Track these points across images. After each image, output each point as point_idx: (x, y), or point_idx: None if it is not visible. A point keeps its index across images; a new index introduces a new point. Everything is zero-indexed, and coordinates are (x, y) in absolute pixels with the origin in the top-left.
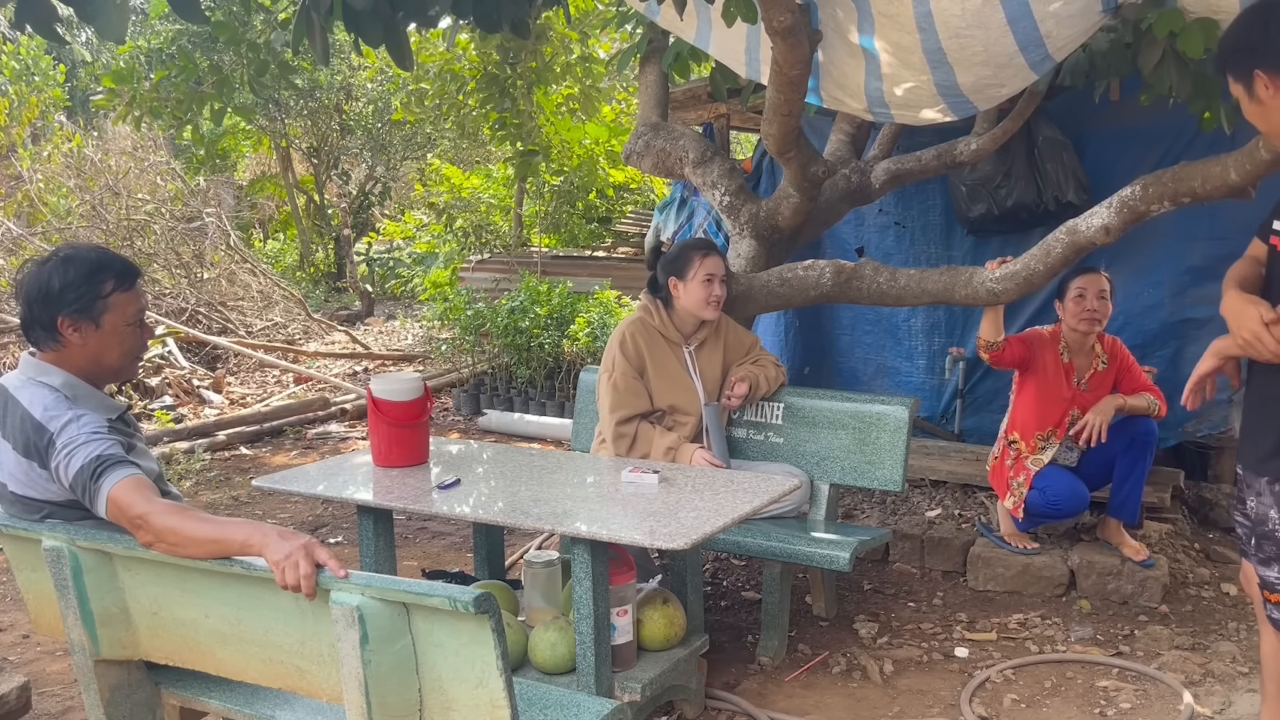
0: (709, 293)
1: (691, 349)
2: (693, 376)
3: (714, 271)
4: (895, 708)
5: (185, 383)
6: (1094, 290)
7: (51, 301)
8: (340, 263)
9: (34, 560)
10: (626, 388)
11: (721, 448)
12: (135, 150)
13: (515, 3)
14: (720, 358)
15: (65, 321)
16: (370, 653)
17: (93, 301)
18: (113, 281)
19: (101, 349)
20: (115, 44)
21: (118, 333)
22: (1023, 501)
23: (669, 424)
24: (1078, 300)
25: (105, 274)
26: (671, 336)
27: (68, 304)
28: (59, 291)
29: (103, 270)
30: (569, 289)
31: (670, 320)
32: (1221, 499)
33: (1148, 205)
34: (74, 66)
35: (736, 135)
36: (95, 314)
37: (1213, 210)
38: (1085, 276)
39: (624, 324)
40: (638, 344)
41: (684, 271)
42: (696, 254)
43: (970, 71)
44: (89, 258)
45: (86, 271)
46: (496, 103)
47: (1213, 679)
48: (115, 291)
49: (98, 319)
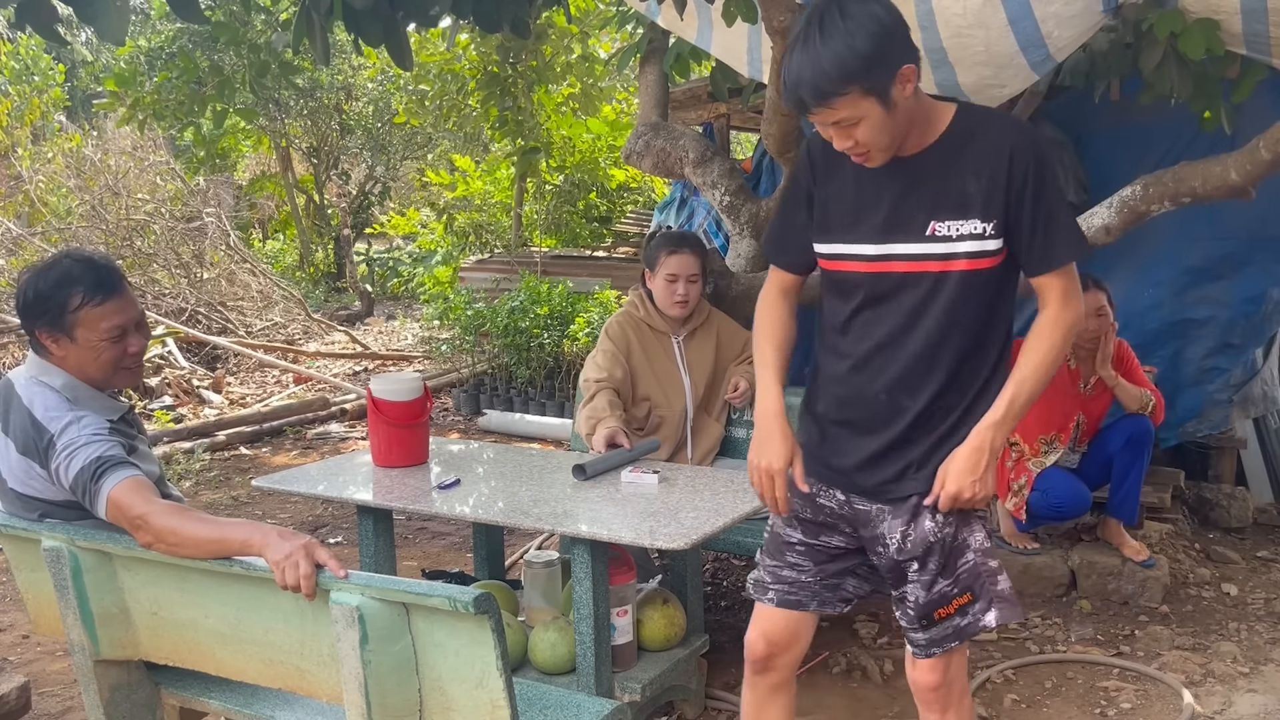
0: (672, 292)
1: (680, 339)
2: (680, 368)
3: (677, 271)
4: (895, 708)
5: (185, 383)
6: (1091, 309)
7: (28, 313)
8: (340, 263)
9: (34, 560)
10: (601, 360)
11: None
12: (135, 150)
13: (515, 2)
14: (712, 353)
15: (43, 334)
16: (370, 653)
17: (61, 315)
18: (81, 295)
19: (81, 361)
20: (115, 45)
21: (92, 347)
22: (1024, 503)
23: (656, 422)
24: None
25: (73, 288)
26: (658, 326)
27: (39, 316)
28: (31, 303)
29: (70, 284)
30: (569, 289)
31: (655, 311)
32: (1222, 499)
33: (1148, 205)
34: (74, 66)
35: (736, 135)
36: (66, 327)
37: (1213, 210)
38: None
39: (612, 317)
40: (625, 332)
41: (653, 265)
42: (664, 250)
43: (971, 71)
44: (63, 269)
45: (55, 284)
46: (497, 102)
47: (1213, 679)
48: (84, 306)
49: (70, 332)
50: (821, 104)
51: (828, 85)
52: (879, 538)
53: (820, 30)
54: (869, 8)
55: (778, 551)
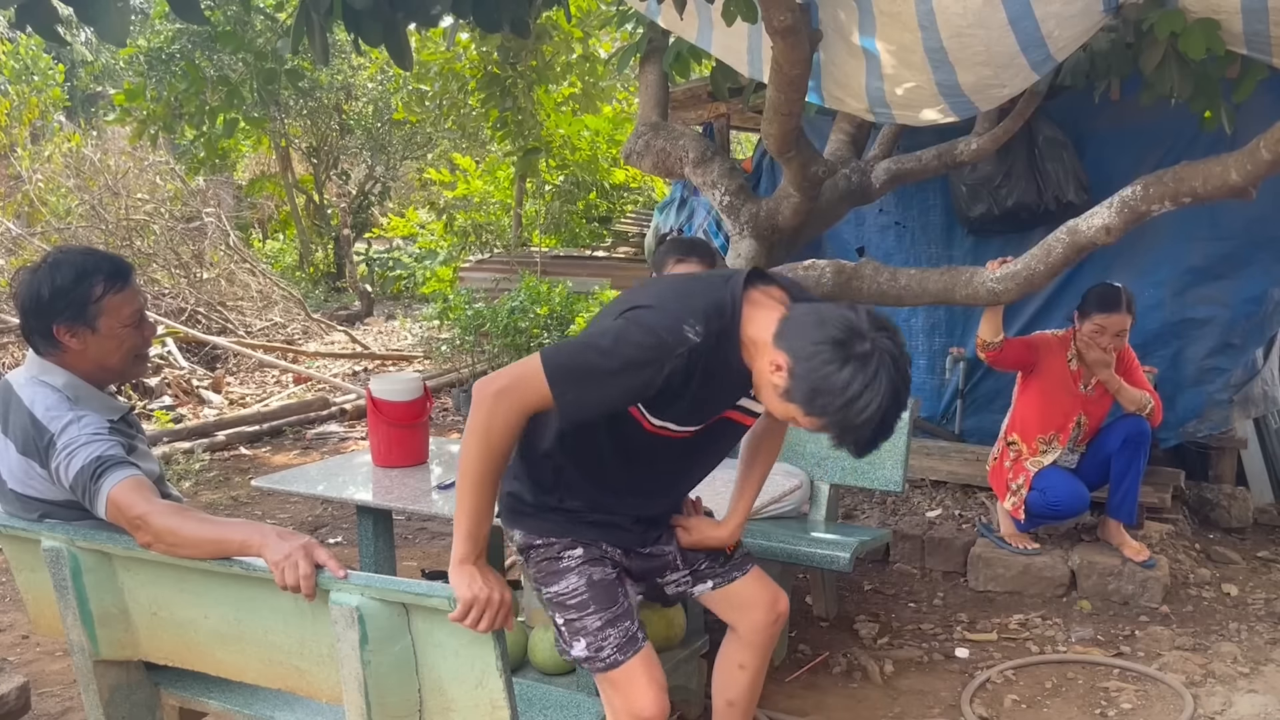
0: None
1: None
2: None
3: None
4: (896, 708)
5: (185, 383)
6: (1113, 330)
7: (44, 310)
8: (340, 263)
9: (33, 560)
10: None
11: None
12: (135, 150)
13: (515, 2)
14: None
15: (61, 329)
16: (370, 653)
17: (84, 306)
18: (102, 284)
19: (102, 352)
20: (116, 46)
21: (115, 335)
22: (1023, 502)
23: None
24: (1094, 334)
25: (94, 277)
26: None
27: (60, 311)
28: (50, 300)
29: (91, 274)
30: (569, 289)
31: None
32: (1222, 499)
33: (1148, 205)
34: (73, 66)
35: (736, 135)
36: (89, 318)
37: (1213, 210)
38: (1109, 316)
39: None
40: None
41: (660, 272)
42: (672, 258)
43: (972, 71)
44: (76, 262)
45: (75, 276)
46: (497, 102)
47: (1214, 679)
48: (107, 294)
49: (93, 323)
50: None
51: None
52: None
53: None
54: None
55: (608, 598)
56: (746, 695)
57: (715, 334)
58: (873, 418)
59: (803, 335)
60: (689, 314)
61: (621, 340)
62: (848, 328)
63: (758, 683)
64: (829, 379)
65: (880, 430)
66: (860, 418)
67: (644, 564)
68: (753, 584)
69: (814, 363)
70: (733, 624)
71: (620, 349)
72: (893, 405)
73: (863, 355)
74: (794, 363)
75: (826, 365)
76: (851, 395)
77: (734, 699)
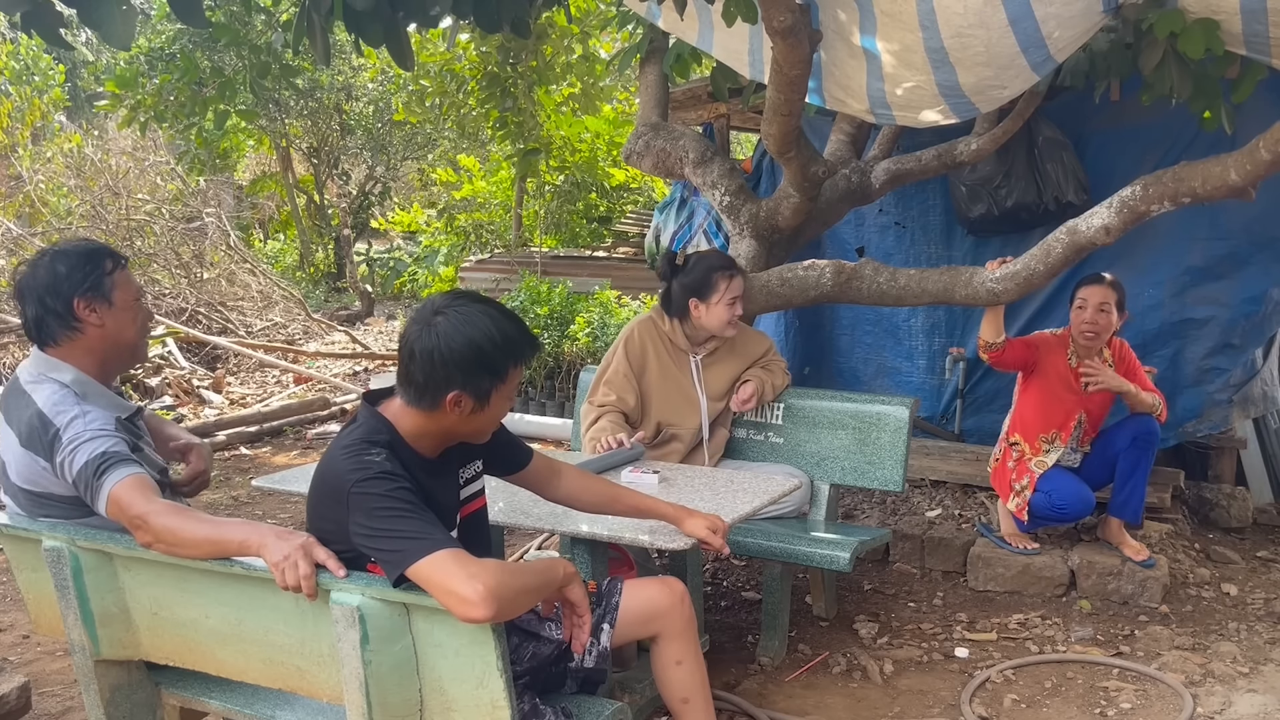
0: (731, 314)
1: (699, 358)
2: (697, 387)
3: (738, 294)
4: (895, 708)
5: (185, 383)
6: (1095, 303)
7: (62, 287)
8: (340, 263)
9: (34, 560)
10: (614, 380)
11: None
12: (135, 150)
13: (515, 2)
14: (732, 368)
15: (81, 303)
16: (371, 653)
17: (101, 278)
18: (110, 260)
19: (119, 326)
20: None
21: (129, 308)
22: (1026, 504)
23: (667, 436)
24: (1078, 311)
25: (101, 254)
26: (680, 344)
27: (78, 285)
28: (66, 275)
29: (98, 252)
30: (569, 289)
31: (681, 330)
32: (1221, 499)
33: (1148, 205)
34: (74, 67)
35: (736, 135)
36: (106, 290)
37: (1213, 210)
38: (1089, 288)
39: (634, 322)
40: (644, 344)
41: (707, 295)
42: (722, 277)
43: (972, 72)
44: (81, 245)
45: (85, 254)
46: (497, 102)
47: (1213, 679)
48: (116, 269)
49: (109, 295)
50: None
51: None
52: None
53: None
54: None
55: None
56: (697, 686)
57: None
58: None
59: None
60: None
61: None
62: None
63: (701, 670)
64: (448, 357)
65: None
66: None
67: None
68: (638, 593)
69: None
70: (653, 633)
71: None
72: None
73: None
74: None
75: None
76: (458, 344)
77: (687, 695)
